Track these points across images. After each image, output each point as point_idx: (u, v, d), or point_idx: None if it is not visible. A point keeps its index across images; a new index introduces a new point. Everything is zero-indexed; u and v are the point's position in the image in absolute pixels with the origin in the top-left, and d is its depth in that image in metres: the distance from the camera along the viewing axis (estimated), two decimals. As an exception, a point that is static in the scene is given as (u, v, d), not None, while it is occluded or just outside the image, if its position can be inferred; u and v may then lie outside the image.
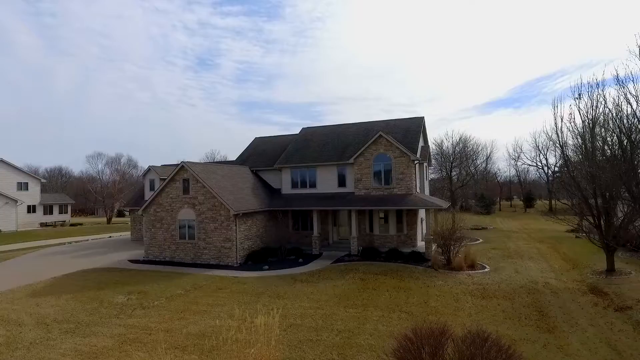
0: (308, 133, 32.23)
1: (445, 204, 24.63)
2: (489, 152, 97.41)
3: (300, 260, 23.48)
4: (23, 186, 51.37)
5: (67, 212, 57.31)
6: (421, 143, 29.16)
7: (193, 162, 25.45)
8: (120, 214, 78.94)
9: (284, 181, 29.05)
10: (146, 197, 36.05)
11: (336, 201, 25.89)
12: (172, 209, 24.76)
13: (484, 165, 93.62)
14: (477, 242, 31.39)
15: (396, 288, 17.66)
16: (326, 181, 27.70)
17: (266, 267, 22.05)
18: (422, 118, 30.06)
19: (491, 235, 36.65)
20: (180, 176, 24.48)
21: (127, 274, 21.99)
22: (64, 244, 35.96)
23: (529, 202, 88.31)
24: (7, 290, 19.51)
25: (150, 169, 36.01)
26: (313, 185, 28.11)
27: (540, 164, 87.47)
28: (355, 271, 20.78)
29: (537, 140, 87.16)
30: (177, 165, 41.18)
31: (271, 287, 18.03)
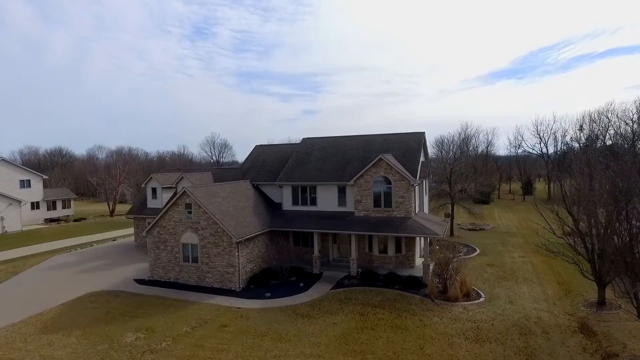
0: (308, 145, 32.28)
1: (442, 230, 25.05)
2: (489, 138, 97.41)
3: (301, 284, 24.16)
4: (25, 184, 51.80)
5: (70, 207, 57.96)
6: (421, 158, 29.31)
7: (195, 185, 25.75)
8: (123, 200, 79.66)
9: (284, 197, 29.40)
10: (149, 205, 36.60)
11: (336, 222, 26.32)
12: (175, 232, 25.26)
13: (484, 152, 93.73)
14: (474, 254, 32.04)
15: (393, 327, 18.35)
16: (326, 199, 28.05)
17: (268, 293, 22.74)
18: (423, 133, 30.08)
19: (488, 241, 37.26)
20: (183, 200, 24.82)
21: (133, 301, 22.69)
22: (69, 250, 36.66)
23: (528, 188, 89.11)
24: (20, 322, 20.27)
25: (152, 177, 36.35)
26: (313, 202, 28.47)
27: (540, 152, 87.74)
28: (354, 301, 21.48)
29: (539, 128, 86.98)
30: (178, 170, 41.34)
31: (273, 325, 18.72)
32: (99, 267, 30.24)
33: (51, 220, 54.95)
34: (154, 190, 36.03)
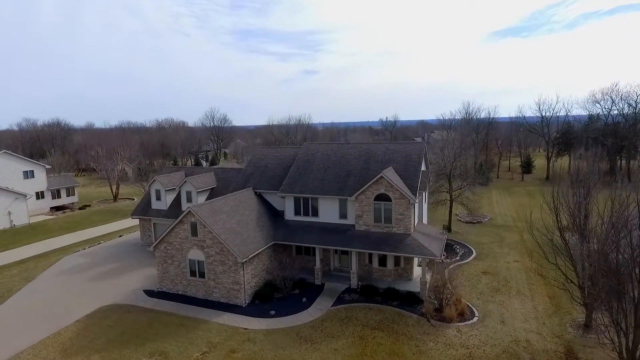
0: (310, 151, 32.51)
1: (439, 248, 25.85)
2: (491, 116, 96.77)
3: (304, 299, 25.33)
4: (29, 174, 52.30)
5: (74, 194, 58.67)
6: (422, 168, 29.71)
7: (200, 205, 26.26)
8: (125, 178, 79.98)
9: (287, 207, 30.06)
10: (153, 206, 37.36)
11: (337, 237, 27.11)
12: (181, 248, 26.13)
13: (486, 130, 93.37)
14: (470, 257, 33.06)
15: (391, 354, 19.59)
16: (328, 211, 28.73)
17: (272, 311, 23.93)
18: (423, 144, 30.36)
19: (485, 239, 38.25)
20: (188, 219, 25.49)
21: (145, 318, 23.87)
22: (77, 250, 37.71)
23: (527, 167, 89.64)
24: (39, 343, 21.55)
25: (155, 179, 36.84)
26: (315, 214, 29.17)
27: (541, 132, 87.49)
28: (354, 321, 22.68)
29: (541, 107, 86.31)
30: (181, 169, 41.65)
31: (279, 352, 19.95)
32: (108, 273, 31.31)
33: (57, 208, 55.87)
34: (157, 192, 36.63)
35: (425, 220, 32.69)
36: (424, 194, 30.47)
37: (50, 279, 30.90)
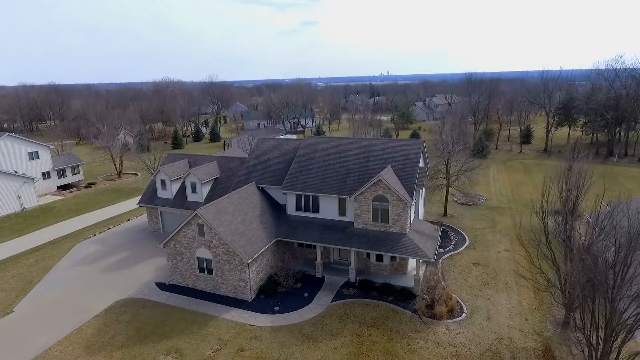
0: (310, 146, 33.24)
1: (433, 248, 27.37)
2: (493, 86, 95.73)
3: (306, 294, 27.24)
4: (34, 155, 53.14)
5: (79, 172, 59.75)
6: (421, 164, 30.66)
7: (206, 207, 27.41)
8: (127, 148, 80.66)
9: (288, 203, 31.33)
10: (159, 195, 38.63)
11: (337, 234, 28.56)
12: (190, 247, 27.68)
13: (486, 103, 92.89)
14: (463, 246, 34.73)
15: (385, 352, 21.63)
16: (328, 208, 30.01)
17: (277, 307, 25.87)
18: (422, 142, 31.08)
19: (478, 225, 39.80)
20: (195, 221, 26.83)
21: (159, 313, 25.83)
22: (88, 236, 39.38)
23: (526, 137, 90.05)
24: (64, 339, 23.64)
25: (160, 170, 37.82)
26: (316, 210, 30.47)
27: (543, 102, 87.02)
28: (353, 318, 24.64)
29: (544, 77, 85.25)
30: (184, 156, 42.45)
31: (283, 350, 21.98)
32: (120, 264, 33.12)
33: (63, 187, 57.17)
34: (163, 181, 37.75)
35: (421, 212, 34.08)
36: (420, 190, 31.58)
37: (66, 269, 32.74)
